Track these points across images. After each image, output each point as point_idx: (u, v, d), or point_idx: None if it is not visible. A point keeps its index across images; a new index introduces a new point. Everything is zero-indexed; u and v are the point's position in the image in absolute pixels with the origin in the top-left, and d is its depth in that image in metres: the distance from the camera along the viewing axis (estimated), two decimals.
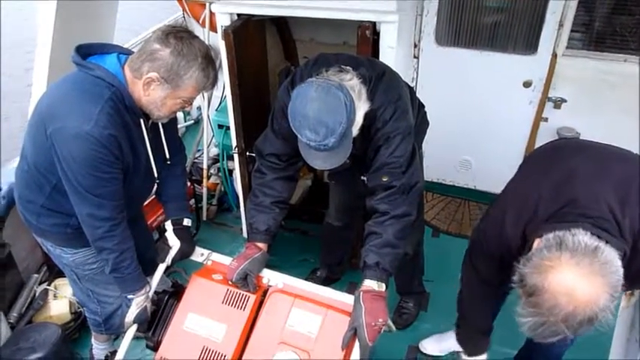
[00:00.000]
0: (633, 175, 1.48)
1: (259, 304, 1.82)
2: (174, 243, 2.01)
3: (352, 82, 1.73)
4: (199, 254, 2.06)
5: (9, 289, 2.74)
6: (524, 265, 1.34)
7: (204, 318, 1.81)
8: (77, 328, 2.79)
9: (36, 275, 2.91)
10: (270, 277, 1.92)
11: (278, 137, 1.99)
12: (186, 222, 2.08)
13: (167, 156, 2.01)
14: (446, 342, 2.65)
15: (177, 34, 1.65)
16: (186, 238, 2.04)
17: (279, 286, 1.88)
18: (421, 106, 2.30)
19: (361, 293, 1.73)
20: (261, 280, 1.90)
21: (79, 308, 2.82)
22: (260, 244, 1.98)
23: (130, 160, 1.79)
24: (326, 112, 1.63)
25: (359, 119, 1.75)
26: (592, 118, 3.15)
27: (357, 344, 1.68)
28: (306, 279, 1.98)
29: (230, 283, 1.85)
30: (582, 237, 1.31)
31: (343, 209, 2.74)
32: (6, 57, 7.15)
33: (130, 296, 1.91)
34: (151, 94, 1.69)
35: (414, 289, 2.86)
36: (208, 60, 1.69)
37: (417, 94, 2.28)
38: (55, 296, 2.83)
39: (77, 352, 2.68)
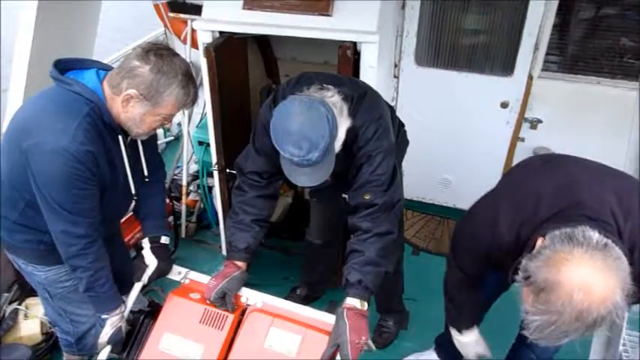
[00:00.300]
0: (632, 188, 1.49)
1: (237, 324, 1.79)
2: (150, 261, 1.97)
3: (334, 98, 1.75)
4: (177, 272, 2.02)
5: None
6: (531, 260, 1.29)
7: (180, 338, 1.77)
8: (48, 349, 2.70)
9: (6, 294, 2.82)
10: (249, 296, 1.90)
11: (260, 155, 1.98)
12: (164, 240, 2.04)
13: (145, 173, 1.97)
14: (427, 357, 2.64)
15: (158, 52, 1.64)
16: (163, 256, 2.00)
17: (258, 305, 1.85)
18: (401, 125, 2.33)
19: (345, 310, 1.72)
20: (239, 299, 1.88)
21: (50, 328, 2.73)
22: (239, 263, 1.96)
23: (107, 176, 1.76)
24: (309, 126, 1.64)
25: (341, 135, 1.76)
26: (567, 138, 3.22)
27: None
28: (286, 297, 1.98)
29: (208, 302, 1.82)
30: (591, 233, 1.28)
31: (324, 227, 2.74)
32: None
33: (104, 316, 1.86)
34: (130, 110, 1.68)
35: (394, 307, 2.86)
36: (188, 77, 1.68)
37: (397, 113, 2.32)
38: (25, 316, 2.74)
39: None
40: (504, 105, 3.28)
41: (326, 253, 2.86)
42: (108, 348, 1.85)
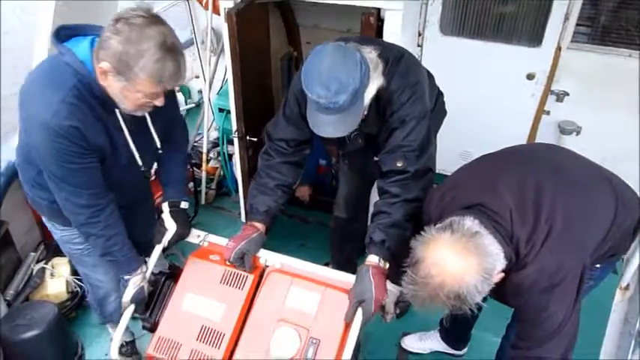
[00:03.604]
0: (552, 200, 1.55)
1: (257, 284, 1.83)
2: (170, 225, 1.99)
3: (371, 54, 1.74)
4: (195, 236, 2.05)
5: (6, 267, 2.75)
6: (416, 239, 1.48)
7: (202, 298, 1.81)
8: (74, 308, 2.82)
9: (33, 253, 2.92)
10: (268, 257, 1.92)
11: (289, 123, 1.99)
12: (184, 205, 2.06)
13: (158, 145, 1.92)
14: (428, 341, 2.68)
15: (129, 20, 1.46)
16: (182, 221, 2.02)
17: (277, 266, 1.89)
18: (440, 93, 2.30)
19: (370, 268, 1.76)
20: (258, 260, 1.91)
21: (75, 288, 2.83)
22: (258, 225, 1.98)
23: (105, 149, 1.71)
24: (340, 67, 1.63)
25: (372, 89, 1.74)
26: (594, 112, 3.14)
27: (357, 317, 1.70)
28: None
29: (227, 263, 1.86)
30: (467, 221, 1.45)
31: (351, 199, 2.72)
32: None
33: (126, 277, 1.90)
34: (109, 85, 1.56)
35: None
36: (166, 49, 1.48)
37: None
38: (52, 275, 2.84)
39: (73, 331, 2.69)
40: (530, 77, 3.19)
41: (353, 229, 2.83)
42: (131, 307, 1.90)
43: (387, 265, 1.82)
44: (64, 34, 1.62)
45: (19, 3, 7.24)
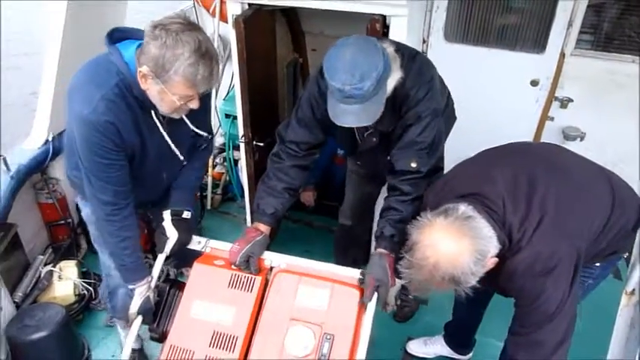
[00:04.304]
0: (545, 189, 1.59)
1: (265, 285, 1.84)
2: (171, 233, 1.99)
3: (389, 49, 1.78)
4: (197, 242, 2.05)
5: (15, 270, 2.78)
6: (412, 224, 1.54)
7: (211, 303, 1.81)
8: (81, 310, 2.84)
9: (41, 256, 2.95)
10: (273, 258, 1.94)
11: (301, 126, 2.02)
12: (186, 214, 2.05)
13: (203, 134, 1.98)
14: (433, 346, 2.69)
15: (167, 26, 1.54)
16: (183, 228, 2.02)
17: (282, 266, 1.90)
18: (450, 99, 2.34)
19: (384, 255, 1.82)
20: (263, 262, 1.92)
21: (82, 290, 2.86)
22: (262, 227, 1.99)
23: (137, 149, 1.78)
24: (364, 55, 1.66)
25: (392, 82, 1.77)
26: (598, 118, 3.15)
27: (370, 307, 1.74)
28: None
29: (233, 267, 1.87)
30: (461, 207, 1.50)
31: (357, 206, 2.74)
32: None
33: (131, 286, 1.91)
34: (148, 88, 1.63)
35: None
36: (200, 54, 1.55)
37: None
38: (59, 278, 2.86)
39: (80, 333, 2.72)
40: (534, 83, 3.21)
41: (357, 235, 2.86)
42: (139, 318, 1.90)
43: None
44: (116, 36, 1.70)
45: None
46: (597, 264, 1.80)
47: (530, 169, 1.65)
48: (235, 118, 3.19)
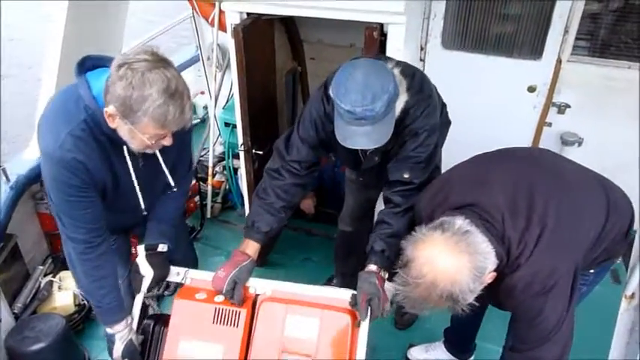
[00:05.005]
0: (545, 202, 1.55)
1: (252, 317, 1.76)
2: (146, 271, 1.89)
3: (395, 71, 1.79)
4: (175, 274, 1.95)
5: (14, 280, 2.77)
6: (406, 240, 1.48)
7: (197, 342, 1.73)
8: (81, 320, 2.83)
9: (41, 267, 2.94)
10: (257, 286, 1.85)
11: (304, 144, 1.98)
12: (162, 247, 1.95)
13: (172, 183, 1.89)
14: (434, 352, 2.68)
15: (132, 65, 1.44)
16: (159, 263, 1.92)
17: (268, 293, 1.82)
18: (444, 105, 2.34)
19: (373, 273, 1.79)
20: (247, 290, 1.84)
21: (82, 300, 2.85)
22: (252, 246, 1.93)
23: (109, 185, 1.71)
24: (374, 77, 1.66)
25: (400, 104, 1.77)
26: (596, 123, 3.17)
27: (364, 325, 1.71)
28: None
29: (215, 301, 1.78)
30: (458, 220, 1.45)
31: (357, 212, 2.73)
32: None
33: (110, 331, 1.84)
34: (117, 126, 1.54)
35: None
36: (169, 94, 1.46)
37: None
38: (59, 288, 2.86)
39: (80, 344, 2.70)
40: (532, 89, 3.23)
41: (357, 242, 2.82)
42: None
43: (387, 275, 1.84)
44: (89, 64, 1.62)
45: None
46: (591, 270, 1.80)
47: (528, 179, 1.62)
48: (235, 126, 3.20)
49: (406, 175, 1.87)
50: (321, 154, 2.02)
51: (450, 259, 1.38)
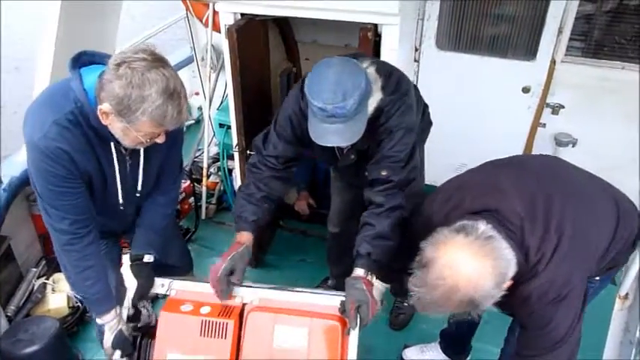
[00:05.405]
0: (562, 210, 1.54)
1: (239, 326, 1.73)
2: (130, 283, 1.86)
3: (369, 69, 1.80)
4: (160, 285, 1.91)
5: (8, 282, 2.75)
6: (426, 241, 1.43)
7: (185, 356, 1.70)
8: (75, 323, 2.81)
9: (35, 269, 2.93)
10: (244, 294, 1.82)
11: (280, 140, 2.00)
12: (147, 258, 1.93)
13: (139, 188, 1.85)
14: (429, 352, 2.68)
15: (132, 64, 1.44)
16: (143, 274, 1.88)
17: (255, 302, 1.79)
18: (426, 106, 2.34)
19: (360, 279, 1.77)
20: (234, 299, 1.81)
21: (76, 303, 2.83)
22: (246, 235, 1.94)
23: (94, 179, 1.70)
24: (346, 75, 1.68)
25: (372, 102, 1.78)
26: (590, 124, 3.18)
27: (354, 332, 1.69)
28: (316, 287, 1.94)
29: (201, 313, 1.75)
30: (481, 225, 1.41)
31: (344, 213, 2.73)
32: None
33: (99, 321, 1.82)
34: (110, 124, 1.53)
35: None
36: (168, 94, 1.46)
37: None
38: (53, 290, 2.84)
39: (74, 346, 2.69)
40: (526, 90, 3.24)
41: (347, 243, 2.82)
42: (118, 353, 1.82)
43: (374, 278, 1.83)
44: (84, 60, 1.62)
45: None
46: (597, 278, 1.79)
47: (544, 187, 1.60)
48: (229, 127, 3.19)
49: (384, 173, 1.87)
50: (298, 150, 2.02)
51: (474, 263, 1.34)
